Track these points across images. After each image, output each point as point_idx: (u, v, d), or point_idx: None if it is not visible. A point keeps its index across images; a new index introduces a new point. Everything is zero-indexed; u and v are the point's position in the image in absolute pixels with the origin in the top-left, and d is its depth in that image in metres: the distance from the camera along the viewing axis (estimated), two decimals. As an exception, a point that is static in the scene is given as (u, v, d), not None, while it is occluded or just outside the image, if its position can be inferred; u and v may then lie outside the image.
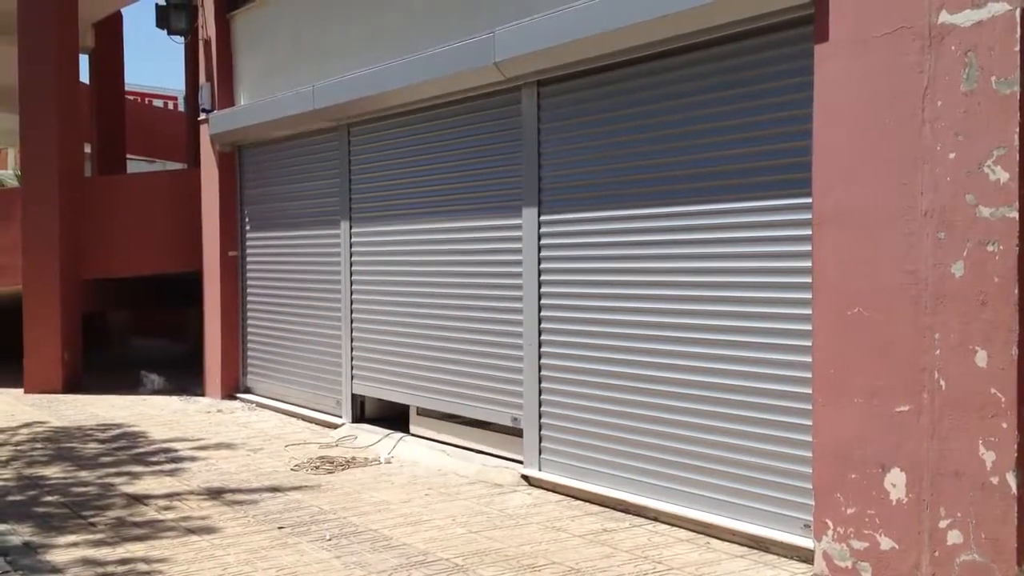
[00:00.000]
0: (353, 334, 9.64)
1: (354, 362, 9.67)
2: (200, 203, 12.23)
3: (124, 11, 17.40)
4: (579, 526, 6.22)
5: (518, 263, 7.46)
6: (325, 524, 6.34)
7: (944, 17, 4.60)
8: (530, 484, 7.27)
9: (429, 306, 8.59)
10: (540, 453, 7.26)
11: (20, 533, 6.24)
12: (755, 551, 5.61)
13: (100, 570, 5.49)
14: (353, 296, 9.65)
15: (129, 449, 8.92)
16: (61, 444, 9.19)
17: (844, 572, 5.06)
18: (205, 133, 11.99)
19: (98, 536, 6.14)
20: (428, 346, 8.61)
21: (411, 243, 8.82)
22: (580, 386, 6.94)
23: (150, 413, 10.99)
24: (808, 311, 5.34)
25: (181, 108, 22.11)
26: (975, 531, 4.51)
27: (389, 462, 8.21)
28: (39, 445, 9.17)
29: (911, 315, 4.74)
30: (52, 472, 8.00)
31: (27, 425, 10.27)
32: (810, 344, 5.30)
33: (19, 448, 9.04)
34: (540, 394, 7.26)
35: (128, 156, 18.45)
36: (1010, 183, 4.38)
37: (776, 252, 5.64)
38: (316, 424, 10.06)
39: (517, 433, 7.55)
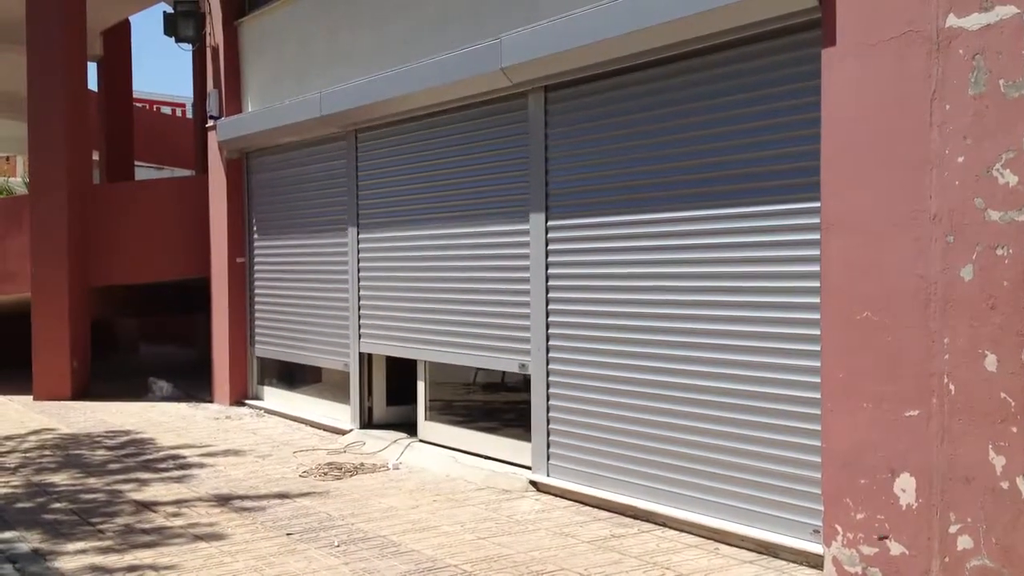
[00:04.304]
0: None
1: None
2: (208, 210, 12.26)
3: (132, 19, 17.51)
4: (587, 532, 6.20)
5: (525, 268, 7.45)
6: (333, 530, 6.34)
7: (952, 21, 4.59)
8: (538, 490, 7.26)
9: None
10: (548, 459, 7.25)
11: (28, 540, 6.24)
12: (764, 556, 5.59)
13: (109, 577, 5.51)
14: (361, 300, 9.65)
15: (137, 456, 8.93)
16: (69, 451, 9.21)
17: (854, 578, 5.04)
18: (213, 140, 12.02)
19: (106, 543, 6.14)
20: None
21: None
22: (588, 391, 6.93)
23: (158, 420, 11.01)
24: (816, 316, 5.32)
25: (189, 115, 22.19)
26: (985, 536, 4.49)
27: (397, 468, 8.20)
28: (48, 452, 9.18)
29: (920, 320, 4.73)
30: (60, 479, 8.01)
31: (36, 432, 10.29)
32: (818, 349, 5.28)
33: (28, 455, 9.06)
34: (548, 399, 7.25)
35: (136, 163, 18.50)
36: (1019, 187, 4.36)
37: (784, 256, 5.62)
38: (324, 430, 10.06)
39: (525, 439, 7.54)
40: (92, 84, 15.77)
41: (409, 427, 9.22)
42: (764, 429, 5.72)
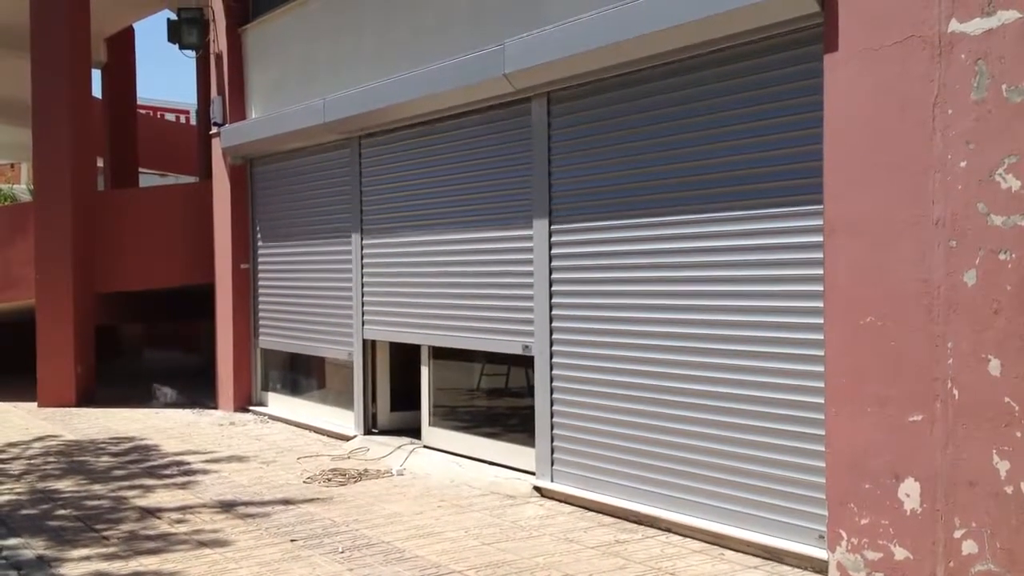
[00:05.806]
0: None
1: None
2: (212, 216, 12.28)
3: (136, 26, 17.53)
4: (592, 537, 6.20)
5: (529, 277, 7.46)
6: (337, 537, 6.34)
7: (954, 26, 4.59)
8: (542, 495, 7.25)
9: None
10: (552, 464, 7.24)
11: (33, 547, 6.25)
12: (769, 562, 5.58)
13: (113, 583, 5.51)
14: (365, 306, 9.66)
15: (141, 462, 8.94)
16: (74, 457, 9.22)
17: (858, 583, 5.03)
18: (217, 146, 12.04)
19: (111, 550, 6.15)
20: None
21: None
22: (591, 396, 6.93)
23: (163, 426, 11.02)
24: (820, 320, 5.32)
25: (193, 122, 22.21)
26: (990, 541, 4.48)
27: (401, 474, 8.20)
28: (52, 458, 9.20)
29: (923, 324, 4.73)
30: (65, 485, 8.02)
31: (40, 439, 10.30)
32: (822, 353, 5.28)
33: (32, 462, 9.07)
34: (552, 404, 7.25)
35: (140, 170, 18.54)
36: (1021, 191, 4.36)
37: (787, 260, 5.62)
38: (328, 436, 10.07)
39: (529, 444, 7.54)
40: (96, 91, 15.81)
41: (413, 432, 9.23)
42: (768, 434, 5.72)
